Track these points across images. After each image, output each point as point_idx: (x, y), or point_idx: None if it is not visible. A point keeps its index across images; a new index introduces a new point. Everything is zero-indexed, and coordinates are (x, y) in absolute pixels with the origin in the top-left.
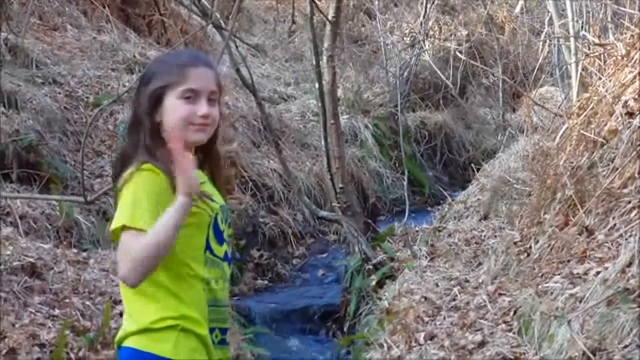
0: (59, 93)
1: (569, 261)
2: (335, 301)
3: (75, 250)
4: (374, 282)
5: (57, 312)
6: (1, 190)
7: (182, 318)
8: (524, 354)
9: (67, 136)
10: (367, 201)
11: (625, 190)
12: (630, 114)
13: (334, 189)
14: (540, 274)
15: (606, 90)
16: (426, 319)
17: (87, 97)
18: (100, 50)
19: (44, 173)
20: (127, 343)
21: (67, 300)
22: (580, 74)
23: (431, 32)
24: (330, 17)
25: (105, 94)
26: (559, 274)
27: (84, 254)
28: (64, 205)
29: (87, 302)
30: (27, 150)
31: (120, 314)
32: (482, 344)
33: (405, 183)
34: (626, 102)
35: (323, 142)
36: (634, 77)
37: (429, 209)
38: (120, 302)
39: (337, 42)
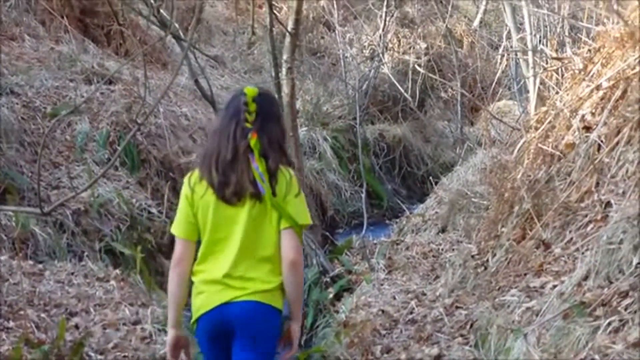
0: (17, 103)
1: (525, 274)
2: None
3: (31, 262)
4: (331, 295)
5: (11, 324)
6: None
7: None
8: None
9: (24, 147)
10: (326, 214)
11: (582, 204)
12: (587, 128)
13: None
14: (497, 287)
15: (563, 104)
16: (383, 332)
17: (45, 108)
18: (58, 61)
19: (0, 184)
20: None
21: (22, 312)
22: (538, 87)
23: (390, 45)
24: (289, 29)
25: (63, 104)
26: (515, 288)
27: (40, 265)
28: (20, 217)
29: (43, 315)
30: None
31: (76, 326)
32: (438, 357)
33: (363, 196)
34: (583, 116)
35: None
36: (591, 91)
37: (387, 222)
38: (76, 314)
39: (296, 54)
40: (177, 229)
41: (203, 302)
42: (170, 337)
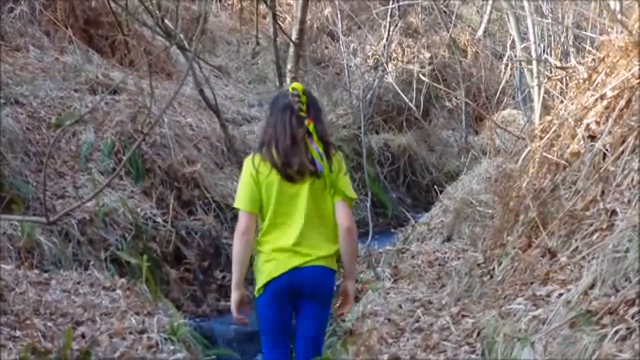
0: (21, 114)
1: (532, 283)
2: None
3: (36, 271)
4: (337, 304)
5: (18, 333)
6: None
7: None
8: None
9: (29, 157)
10: None
11: (588, 213)
12: (592, 137)
13: None
14: (503, 296)
15: (568, 113)
16: (390, 340)
17: (50, 118)
18: (62, 71)
19: (5, 194)
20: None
21: (29, 322)
22: (543, 97)
23: (394, 55)
24: (293, 39)
25: (67, 114)
26: (522, 296)
27: (46, 275)
28: (26, 226)
29: (49, 324)
30: None
31: (82, 335)
32: None
33: (368, 205)
34: (588, 125)
35: None
36: (596, 100)
37: (392, 230)
38: (82, 323)
39: (300, 64)
40: (243, 203)
41: (276, 267)
42: (236, 295)
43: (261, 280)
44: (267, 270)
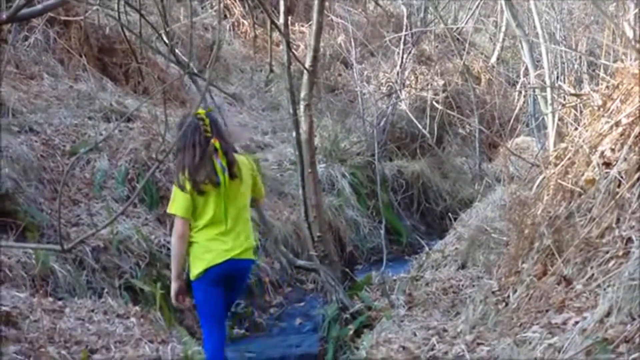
0: (36, 141)
1: (547, 311)
2: (313, 350)
3: (51, 299)
4: (351, 331)
5: None
6: None
7: None
8: None
9: (44, 184)
10: (345, 250)
11: (603, 240)
12: (607, 164)
13: (312, 238)
14: (518, 324)
15: (583, 140)
16: None
17: (64, 146)
18: (77, 99)
19: (20, 221)
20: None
21: (43, 350)
22: (557, 124)
23: (408, 82)
24: (307, 66)
25: (82, 142)
26: (537, 324)
27: (60, 302)
28: (40, 254)
29: (63, 352)
30: (3, 199)
31: None
32: None
33: (382, 232)
34: (603, 152)
35: (300, 191)
36: (610, 127)
37: (406, 257)
38: (96, 351)
39: (314, 91)
40: (180, 211)
41: (215, 256)
42: (177, 286)
43: (201, 266)
44: (209, 258)
